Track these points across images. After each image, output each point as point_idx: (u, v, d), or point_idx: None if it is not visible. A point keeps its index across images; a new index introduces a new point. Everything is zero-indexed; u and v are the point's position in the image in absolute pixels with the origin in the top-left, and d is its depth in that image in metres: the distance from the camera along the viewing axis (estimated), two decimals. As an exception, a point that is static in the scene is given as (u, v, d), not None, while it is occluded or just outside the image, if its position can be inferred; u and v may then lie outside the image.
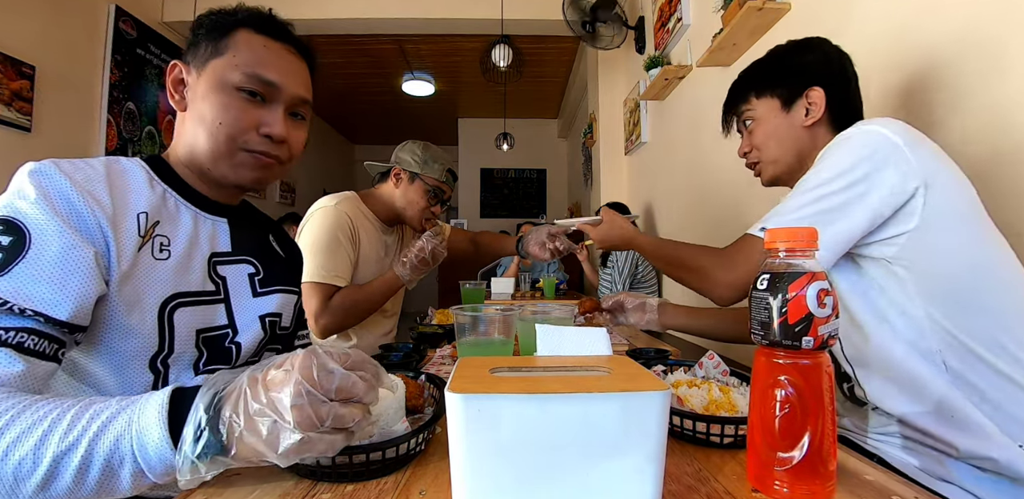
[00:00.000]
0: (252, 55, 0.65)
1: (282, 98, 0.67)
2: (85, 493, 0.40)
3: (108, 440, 0.40)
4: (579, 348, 0.50)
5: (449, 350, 1.03)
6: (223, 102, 0.64)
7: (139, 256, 0.58)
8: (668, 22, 2.44)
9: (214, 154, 0.65)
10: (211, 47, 0.65)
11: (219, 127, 0.63)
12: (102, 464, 0.39)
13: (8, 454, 0.38)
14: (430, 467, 0.47)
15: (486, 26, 3.40)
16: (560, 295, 2.86)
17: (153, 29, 3.30)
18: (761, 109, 0.85)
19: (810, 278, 0.40)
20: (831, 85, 0.80)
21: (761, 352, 0.43)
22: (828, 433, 0.40)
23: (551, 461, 0.35)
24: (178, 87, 0.67)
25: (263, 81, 0.65)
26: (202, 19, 0.68)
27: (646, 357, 0.84)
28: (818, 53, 0.82)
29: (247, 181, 0.68)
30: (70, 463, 0.39)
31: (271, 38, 0.68)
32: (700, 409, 0.55)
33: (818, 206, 0.66)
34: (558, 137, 6.45)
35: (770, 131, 0.84)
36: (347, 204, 1.33)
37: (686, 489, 0.42)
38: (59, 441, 0.39)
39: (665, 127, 2.67)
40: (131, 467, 0.40)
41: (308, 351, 0.41)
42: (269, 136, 0.66)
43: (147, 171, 0.65)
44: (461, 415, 0.34)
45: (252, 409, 0.39)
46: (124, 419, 0.40)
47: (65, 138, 2.71)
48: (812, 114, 0.80)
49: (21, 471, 0.38)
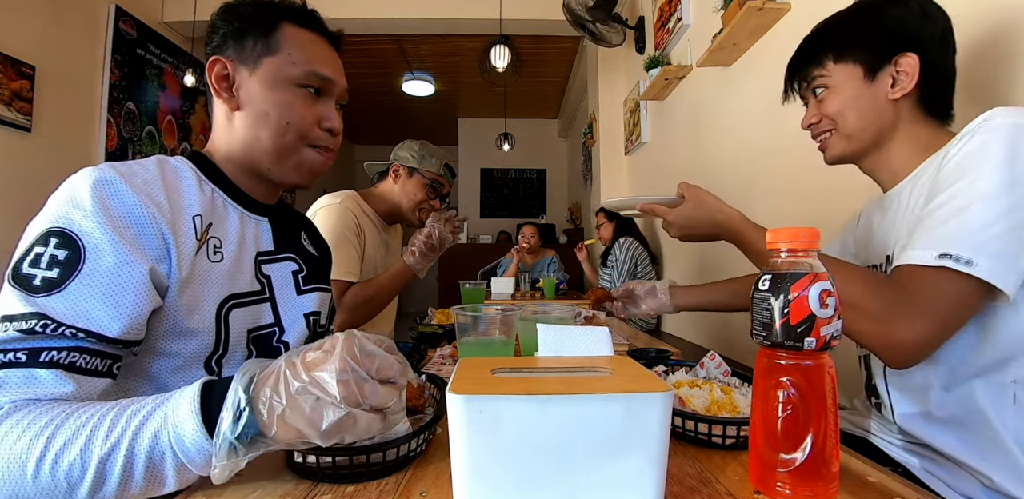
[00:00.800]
0: (306, 52, 0.66)
1: (334, 92, 0.69)
2: (135, 491, 0.41)
3: (147, 437, 0.40)
4: (581, 348, 0.50)
5: (449, 350, 1.03)
6: (287, 100, 0.64)
7: (196, 259, 0.58)
8: (668, 22, 2.44)
9: (280, 153, 0.66)
10: (261, 44, 0.64)
11: (287, 126, 0.64)
12: (144, 461, 0.40)
13: (58, 462, 0.39)
14: (431, 468, 0.47)
15: (486, 26, 3.40)
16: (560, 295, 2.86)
17: (153, 29, 3.30)
18: (838, 76, 0.71)
19: (812, 279, 0.40)
20: (928, 52, 0.66)
21: (763, 353, 0.43)
22: (831, 435, 0.40)
23: (553, 462, 0.35)
24: (223, 84, 0.65)
25: (321, 77, 0.66)
26: (240, 10, 0.66)
27: (647, 357, 0.83)
28: (914, 8, 0.67)
29: (305, 180, 0.70)
30: (115, 464, 0.40)
31: (315, 32, 0.68)
32: (702, 410, 0.55)
33: (1015, 218, 0.52)
34: (558, 137, 6.45)
35: (848, 100, 0.70)
36: (350, 201, 1.34)
37: (688, 490, 0.42)
38: (102, 444, 0.40)
39: (665, 127, 2.67)
40: (172, 461, 0.40)
41: (348, 333, 0.42)
42: (330, 130, 0.68)
43: (195, 171, 0.64)
44: (462, 416, 0.34)
45: (294, 388, 0.39)
46: (160, 415, 0.41)
47: (65, 138, 2.71)
48: (901, 85, 0.66)
49: (72, 477, 0.39)
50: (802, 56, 0.75)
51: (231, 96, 0.65)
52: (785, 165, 1.49)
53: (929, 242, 0.55)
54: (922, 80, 0.66)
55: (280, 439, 0.40)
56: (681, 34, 2.31)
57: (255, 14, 0.65)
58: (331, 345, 0.41)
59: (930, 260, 0.54)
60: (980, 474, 0.58)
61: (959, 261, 0.52)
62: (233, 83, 0.65)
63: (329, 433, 0.39)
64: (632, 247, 2.61)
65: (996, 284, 0.51)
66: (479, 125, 6.37)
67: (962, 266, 0.52)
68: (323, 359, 0.40)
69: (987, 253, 0.51)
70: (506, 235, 5.78)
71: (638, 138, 3.03)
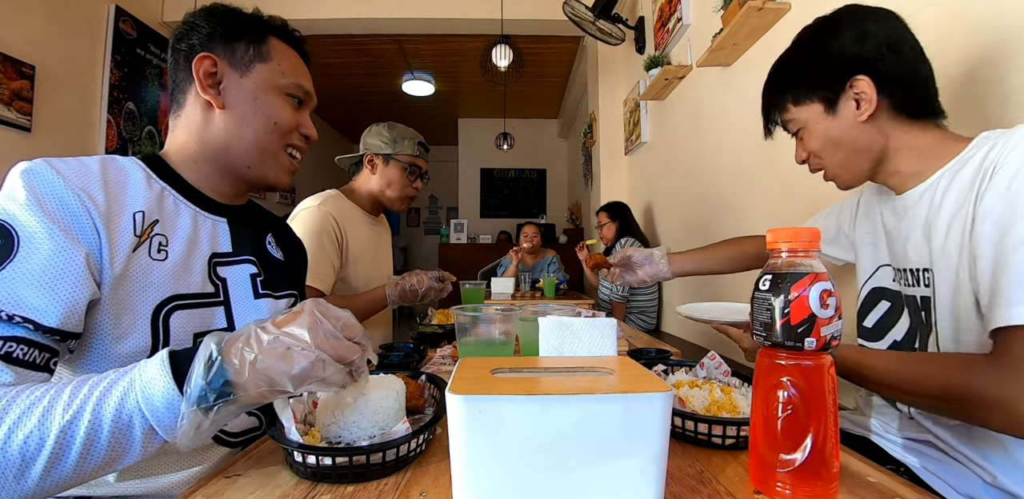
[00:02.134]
0: (292, 65, 0.71)
1: (310, 104, 0.75)
2: (95, 462, 0.40)
3: (113, 401, 0.40)
4: (584, 345, 0.49)
5: (449, 350, 1.03)
6: (278, 104, 0.69)
7: (134, 257, 0.57)
8: (668, 22, 2.44)
9: (261, 152, 0.69)
10: (253, 50, 0.68)
11: (274, 126, 0.68)
12: (110, 427, 0.40)
13: (11, 436, 0.38)
14: (430, 468, 0.47)
15: (486, 26, 3.40)
16: (560, 295, 2.86)
17: (153, 29, 3.30)
18: (803, 116, 0.72)
19: (813, 279, 0.39)
20: (878, 68, 0.66)
21: (763, 353, 0.43)
22: (831, 435, 0.40)
23: (552, 462, 0.35)
24: (210, 81, 0.65)
25: (304, 90, 0.72)
26: (231, 15, 0.69)
27: (647, 357, 0.83)
28: (851, 31, 0.67)
29: (280, 184, 0.73)
30: (77, 431, 0.39)
31: (294, 48, 0.73)
32: (701, 410, 0.55)
33: None
34: (558, 137, 6.45)
35: (823, 136, 0.71)
36: (330, 203, 1.31)
37: (688, 490, 0.42)
38: (62, 413, 0.39)
39: (665, 127, 2.67)
40: (140, 423, 0.41)
41: (315, 300, 0.47)
42: (307, 136, 0.74)
43: (144, 169, 0.64)
44: (462, 416, 0.34)
45: (265, 340, 0.42)
46: (125, 381, 0.42)
47: (65, 138, 2.71)
48: (864, 107, 0.67)
49: (28, 450, 0.38)
50: (765, 103, 0.78)
51: (218, 93, 0.66)
52: (784, 165, 1.49)
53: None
54: (887, 92, 0.66)
55: (250, 388, 0.41)
56: (681, 34, 2.31)
57: (247, 22, 0.69)
58: (299, 308, 0.46)
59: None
60: (982, 470, 0.58)
61: None
62: (220, 82, 0.66)
63: (299, 378, 0.42)
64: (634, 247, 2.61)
65: None
66: (479, 125, 6.37)
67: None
68: (292, 318, 0.45)
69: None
70: (506, 235, 5.77)
71: (638, 138, 3.03)
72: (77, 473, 0.41)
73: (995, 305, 0.52)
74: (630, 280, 1.15)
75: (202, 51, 0.65)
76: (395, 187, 1.39)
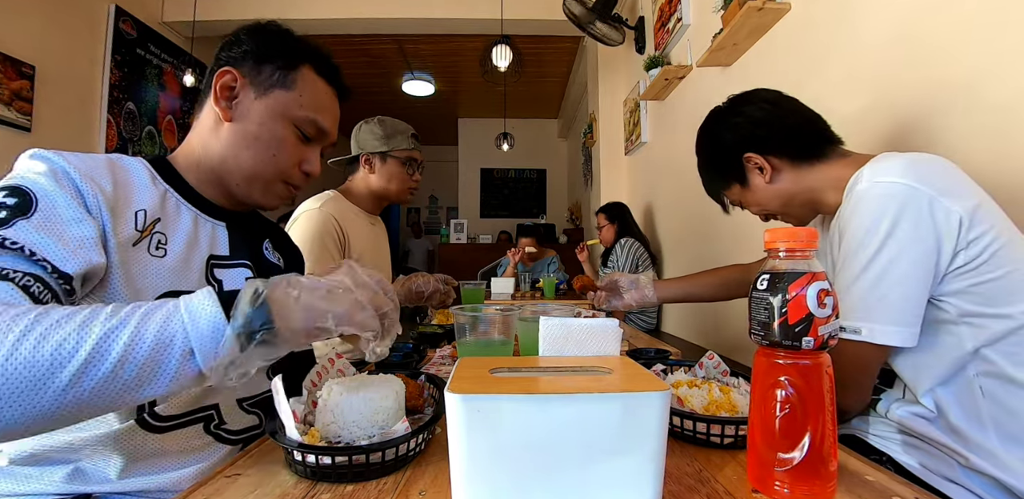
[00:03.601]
0: (315, 99, 0.69)
1: (324, 142, 0.73)
2: (124, 379, 0.38)
3: (158, 318, 0.40)
4: (585, 346, 0.49)
5: (449, 350, 1.03)
6: (282, 135, 0.67)
7: (134, 251, 0.57)
8: (668, 22, 2.44)
9: (253, 177, 0.68)
10: (279, 75, 0.67)
11: (272, 157, 0.67)
12: (152, 340, 0.39)
13: (45, 338, 0.37)
14: (430, 467, 0.47)
15: (486, 26, 3.41)
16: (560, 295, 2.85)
17: (153, 29, 3.30)
18: (733, 196, 0.87)
19: (810, 278, 0.40)
20: (762, 141, 0.78)
21: (761, 352, 0.43)
22: (829, 434, 0.40)
23: (551, 461, 0.35)
24: (225, 94, 0.66)
25: (319, 128, 0.70)
26: (269, 38, 0.68)
27: (647, 357, 0.84)
28: (725, 124, 0.82)
29: (268, 206, 0.73)
30: (118, 339, 0.38)
31: (328, 83, 0.72)
32: (700, 409, 0.55)
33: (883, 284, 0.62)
34: (558, 137, 6.45)
35: (754, 203, 0.85)
36: (331, 205, 1.31)
37: (686, 489, 0.42)
38: (104, 321, 0.38)
39: (665, 127, 2.67)
40: (181, 343, 0.40)
41: (349, 260, 0.50)
42: (308, 173, 0.72)
43: (149, 169, 0.65)
44: (461, 416, 0.34)
45: (306, 283, 0.44)
46: (169, 305, 0.41)
47: (65, 138, 2.71)
48: (766, 173, 0.79)
49: (61, 353, 0.36)
50: (710, 194, 0.93)
51: (229, 107, 0.66)
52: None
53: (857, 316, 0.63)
54: (774, 154, 0.78)
55: (293, 322, 0.42)
56: (681, 34, 2.31)
57: (284, 46, 0.68)
58: (336, 264, 0.49)
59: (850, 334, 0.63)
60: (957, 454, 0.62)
61: (852, 332, 0.62)
62: (236, 97, 0.66)
63: (340, 316, 0.43)
64: (633, 248, 2.61)
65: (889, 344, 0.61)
66: (479, 125, 6.37)
67: (851, 335, 0.62)
68: (330, 271, 0.48)
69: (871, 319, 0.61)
70: (506, 235, 5.77)
71: (638, 138, 3.03)
72: (101, 390, 0.38)
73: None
74: (615, 304, 1.17)
75: (228, 65, 0.66)
76: (396, 182, 1.39)
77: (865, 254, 0.62)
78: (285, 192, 0.72)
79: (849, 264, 0.64)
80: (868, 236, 0.62)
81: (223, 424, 0.64)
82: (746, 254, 1.77)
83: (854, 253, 0.63)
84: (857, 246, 0.63)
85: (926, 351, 0.63)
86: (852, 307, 0.63)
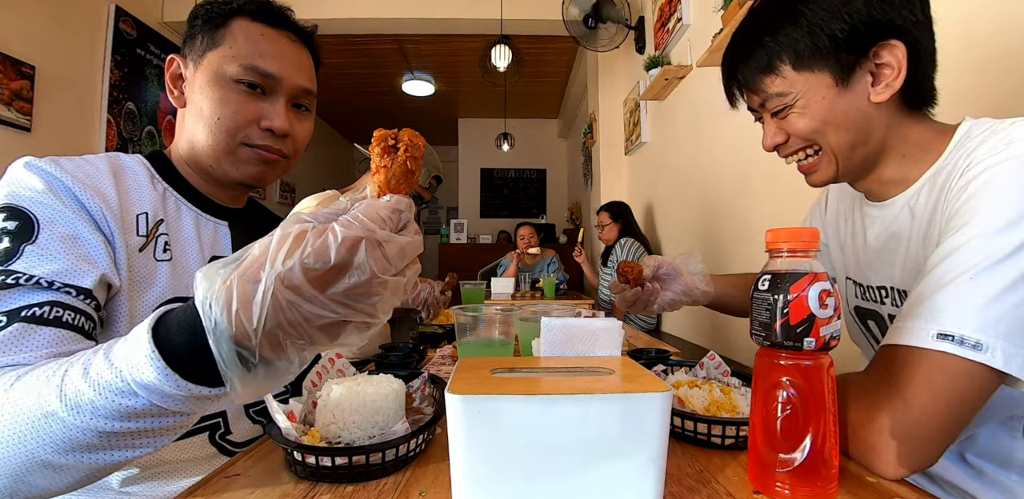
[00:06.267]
0: (250, 45, 0.62)
1: (283, 90, 0.64)
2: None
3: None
4: (587, 347, 0.49)
5: (449, 350, 1.03)
6: (221, 96, 0.61)
7: (140, 256, 0.57)
8: (668, 22, 2.44)
9: (215, 150, 0.63)
10: (207, 38, 0.62)
11: (217, 122, 0.61)
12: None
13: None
14: (430, 468, 0.47)
15: (486, 26, 3.40)
16: (560, 295, 2.86)
17: (153, 29, 3.30)
18: (801, 87, 0.55)
19: (812, 279, 0.39)
20: (916, 35, 0.52)
21: (763, 353, 0.43)
22: (830, 435, 0.40)
23: (551, 462, 0.35)
24: (177, 82, 0.65)
25: (262, 73, 0.62)
26: (198, 9, 0.65)
27: (647, 357, 0.83)
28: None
29: (250, 178, 0.66)
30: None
31: (269, 26, 0.64)
32: (701, 410, 0.55)
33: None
34: (558, 137, 6.44)
35: (823, 114, 0.55)
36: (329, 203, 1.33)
37: (687, 490, 0.42)
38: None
39: (665, 127, 2.67)
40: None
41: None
42: (271, 130, 0.64)
43: (148, 168, 0.64)
44: (461, 416, 0.34)
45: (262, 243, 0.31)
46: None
47: (65, 138, 2.71)
48: (886, 82, 0.53)
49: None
50: (744, 57, 0.59)
51: (180, 93, 0.65)
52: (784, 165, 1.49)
53: (931, 318, 0.44)
54: (913, 70, 0.53)
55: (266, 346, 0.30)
56: (681, 34, 2.31)
57: (212, 10, 0.64)
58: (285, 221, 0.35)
59: (929, 343, 0.43)
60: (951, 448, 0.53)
61: (964, 344, 0.41)
62: (184, 80, 0.65)
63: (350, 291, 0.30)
64: (633, 248, 2.60)
65: (1018, 375, 0.41)
66: (479, 125, 6.37)
67: (967, 350, 0.41)
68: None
69: (1001, 334, 0.41)
70: (505, 235, 5.76)
71: (638, 138, 3.03)
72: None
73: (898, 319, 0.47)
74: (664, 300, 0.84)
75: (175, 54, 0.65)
76: None
77: (1008, 241, 0.43)
78: (255, 157, 0.64)
79: (972, 249, 0.44)
80: (1017, 212, 0.43)
81: (228, 434, 0.64)
82: (746, 254, 1.76)
83: (987, 236, 0.44)
84: (996, 228, 0.44)
85: None
86: (968, 310, 0.42)
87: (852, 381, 0.49)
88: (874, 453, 0.44)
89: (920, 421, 0.42)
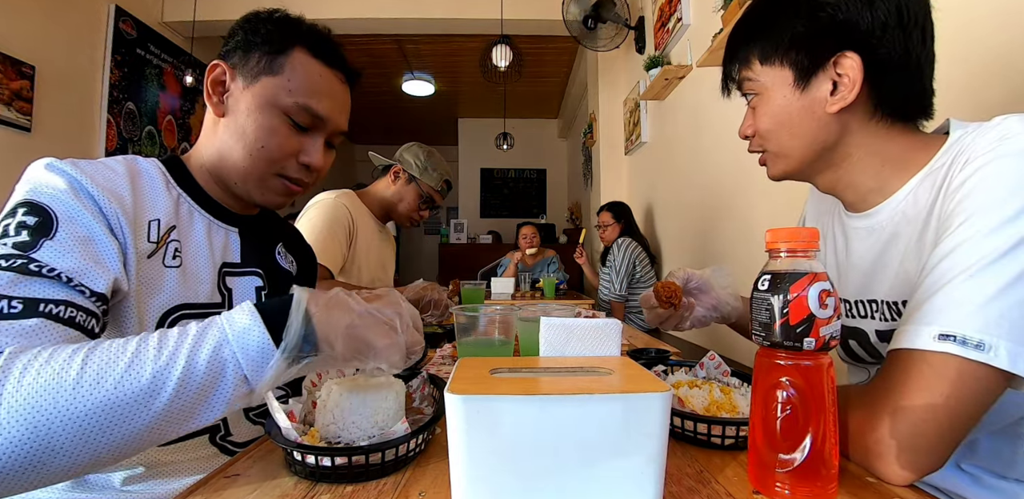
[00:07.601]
0: (307, 83, 0.63)
1: (326, 129, 0.67)
2: (181, 410, 0.40)
3: (206, 349, 0.40)
4: (587, 347, 0.49)
5: (449, 350, 1.03)
6: (270, 125, 0.62)
7: (149, 263, 0.57)
8: (668, 22, 2.44)
9: (247, 174, 0.64)
10: (266, 61, 0.63)
11: (260, 150, 0.62)
12: (204, 372, 0.39)
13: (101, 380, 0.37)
14: (430, 468, 0.47)
15: (486, 26, 3.40)
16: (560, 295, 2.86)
17: (153, 29, 3.30)
18: (765, 79, 0.58)
19: (812, 279, 0.39)
20: (875, 46, 0.52)
21: (762, 353, 0.43)
22: (830, 435, 0.40)
23: (551, 462, 0.35)
24: (217, 89, 0.64)
25: (312, 114, 0.64)
26: (258, 24, 0.64)
27: (647, 357, 0.83)
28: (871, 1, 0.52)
29: (270, 204, 0.69)
30: (171, 375, 0.39)
31: (326, 65, 0.66)
32: (701, 410, 0.55)
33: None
34: (558, 137, 6.45)
35: (778, 113, 0.57)
36: (346, 198, 1.38)
37: (687, 491, 0.42)
38: (155, 359, 0.39)
39: (665, 127, 2.67)
40: (233, 372, 0.40)
41: (391, 289, 0.53)
42: (307, 166, 0.66)
43: (164, 173, 0.64)
44: (461, 416, 0.34)
45: (358, 311, 0.45)
46: (215, 330, 0.41)
47: (65, 138, 2.71)
48: (840, 94, 0.53)
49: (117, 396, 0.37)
50: (729, 50, 0.62)
51: (220, 102, 0.64)
52: (785, 165, 1.49)
53: (930, 318, 0.43)
54: (875, 82, 0.53)
55: (338, 348, 0.43)
56: (681, 34, 2.31)
57: (272, 30, 0.64)
58: (382, 292, 0.50)
59: (929, 345, 0.42)
60: None
61: (966, 344, 0.40)
62: (227, 90, 0.64)
63: (379, 353, 0.44)
64: (631, 248, 2.60)
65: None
66: (479, 125, 6.37)
67: (970, 351, 0.40)
68: (377, 298, 0.48)
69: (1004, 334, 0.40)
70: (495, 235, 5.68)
71: (638, 138, 3.03)
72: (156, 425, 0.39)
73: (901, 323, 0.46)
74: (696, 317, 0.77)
75: (221, 58, 0.64)
76: (404, 205, 1.47)
77: (1006, 238, 0.42)
78: (283, 188, 0.67)
79: (970, 247, 0.43)
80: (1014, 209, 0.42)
81: (229, 435, 0.64)
82: (746, 254, 1.77)
83: (984, 234, 0.43)
84: (993, 226, 0.43)
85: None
86: (969, 310, 0.41)
87: (855, 388, 0.49)
88: (878, 459, 0.43)
89: (924, 424, 0.42)
